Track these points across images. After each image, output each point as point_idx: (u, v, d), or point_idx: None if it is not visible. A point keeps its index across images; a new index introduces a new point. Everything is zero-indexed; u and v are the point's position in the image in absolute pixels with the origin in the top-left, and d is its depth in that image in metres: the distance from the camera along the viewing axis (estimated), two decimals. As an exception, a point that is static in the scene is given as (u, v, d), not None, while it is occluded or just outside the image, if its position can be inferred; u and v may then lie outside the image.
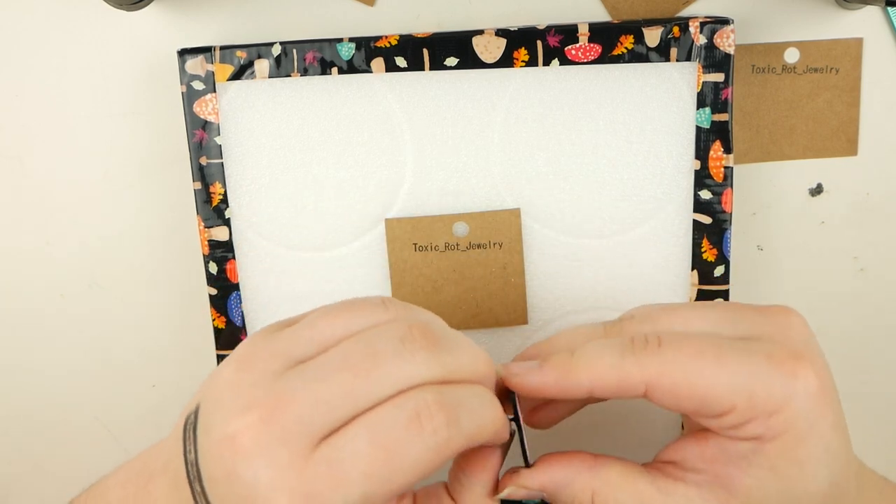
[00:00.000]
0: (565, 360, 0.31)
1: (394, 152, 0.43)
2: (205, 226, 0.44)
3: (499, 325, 0.44)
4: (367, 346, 0.28)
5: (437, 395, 0.28)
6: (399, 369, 0.28)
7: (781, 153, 0.46)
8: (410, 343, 0.28)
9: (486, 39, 0.42)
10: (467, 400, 0.29)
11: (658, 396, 0.30)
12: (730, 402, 0.29)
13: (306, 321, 0.30)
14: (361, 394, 0.27)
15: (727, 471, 0.30)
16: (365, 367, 0.27)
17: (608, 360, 0.30)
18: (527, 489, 0.33)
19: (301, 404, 0.27)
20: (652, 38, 0.42)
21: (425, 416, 0.27)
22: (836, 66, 0.45)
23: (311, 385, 0.27)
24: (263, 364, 0.28)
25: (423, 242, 0.44)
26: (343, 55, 0.42)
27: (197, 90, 0.43)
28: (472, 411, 0.29)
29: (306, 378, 0.27)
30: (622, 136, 0.43)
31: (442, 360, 0.28)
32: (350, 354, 0.28)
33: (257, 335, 0.30)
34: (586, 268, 0.44)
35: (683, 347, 0.30)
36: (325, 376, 0.27)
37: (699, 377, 0.29)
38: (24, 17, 0.44)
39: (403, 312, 0.30)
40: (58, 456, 0.49)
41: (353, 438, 0.27)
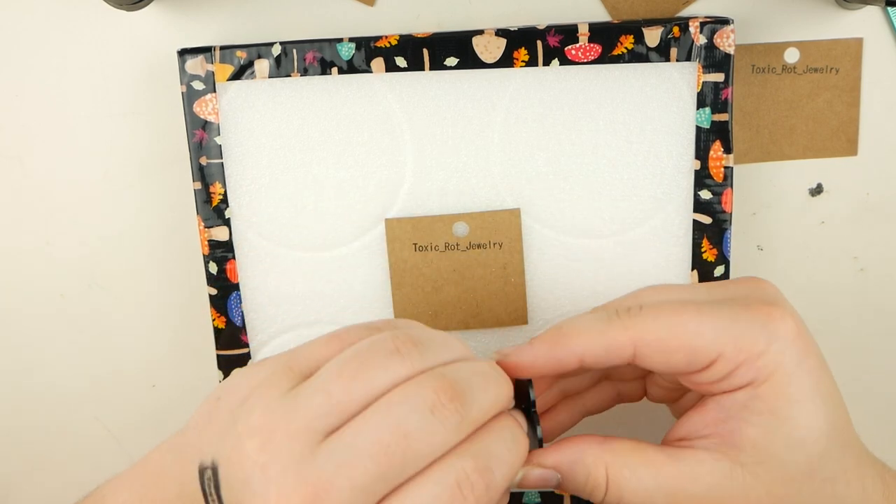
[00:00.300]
0: (553, 332, 0.32)
1: (394, 152, 0.43)
2: (205, 226, 0.44)
3: (499, 325, 0.44)
4: (397, 424, 0.27)
5: (473, 462, 0.28)
6: (432, 443, 0.28)
7: (781, 153, 0.46)
8: (440, 412, 0.28)
9: (486, 39, 0.42)
10: (499, 451, 0.29)
11: (647, 355, 0.31)
12: (716, 350, 0.30)
13: (320, 385, 0.29)
14: (397, 474, 0.27)
15: (730, 427, 0.31)
16: (399, 449, 0.27)
17: (595, 327, 0.31)
18: (541, 467, 0.33)
19: (339, 493, 0.27)
20: (652, 38, 0.42)
21: (466, 486, 0.27)
22: (836, 66, 0.45)
23: (346, 472, 0.27)
24: (288, 443, 0.27)
25: (423, 242, 0.44)
26: (343, 55, 0.42)
27: (197, 90, 0.43)
28: (504, 462, 0.29)
29: (339, 463, 0.27)
30: (622, 136, 0.43)
31: (471, 416, 0.29)
32: (381, 435, 0.27)
33: (266, 388, 0.29)
34: (586, 268, 0.44)
35: (664, 307, 0.31)
36: (358, 462, 0.27)
37: (683, 329, 0.31)
38: (24, 17, 0.44)
39: (419, 359, 0.29)
40: (58, 456, 0.49)
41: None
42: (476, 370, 0.30)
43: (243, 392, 0.30)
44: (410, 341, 0.30)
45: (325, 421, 0.28)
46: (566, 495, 0.46)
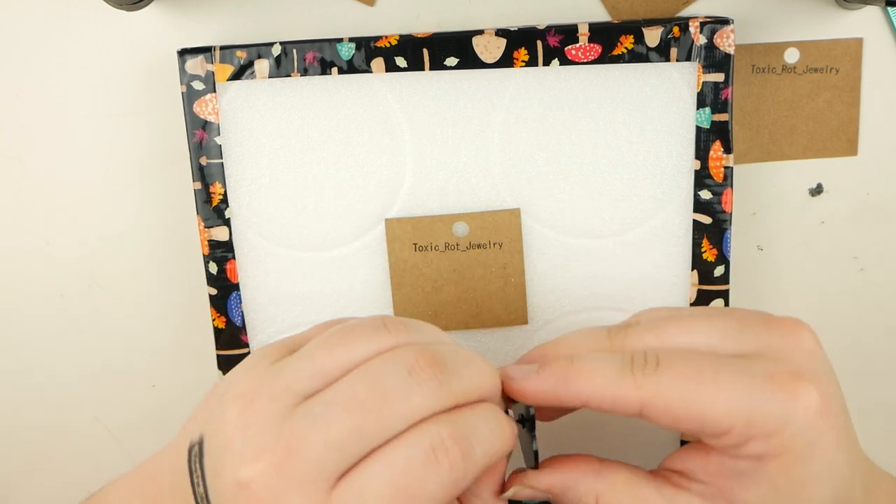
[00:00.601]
0: (563, 368, 0.31)
1: (394, 152, 0.43)
2: (205, 226, 0.44)
3: (499, 325, 0.44)
4: (374, 381, 0.28)
5: (450, 429, 0.28)
6: (409, 404, 0.28)
7: (781, 153, 0.46)
8: (418, 374, 0.28)
9: (486, 39, 0.42)
10: (479, 427, 0.29)
11: (654, 416, 0.30)
12: (727, 425, 0.29)
13: (305, 352, 0.29)
14: (373, 432, 0.27)
15: (729, 485, 0.30)
16: (375, 406, 0.27)
17: (606, 375, 0.30)
18: (533, 489, 0.33)
19: (312, 448, 0.27)
20: (652, 38, 0.42)
21: (441, 451, 0.27)
22: (836, 66, 0.45)
23: (321, 427, 0.27)
24: (268, 404, 0.28)
25: (423, 242, 0.44)
26: (343, 55, 0.42)
27: (197, 90, 0.43)
28: (485, 438, 0.29)
29: (315, 419, 0.27)
30: (622, 136, 0.43)
31: (450, 387, 0.28)
32: (357, 391, 0.27)
33: (256, 362, 0.30)
34: (587, 268, 0.44)
35: (681, 368, 0.30)
36: (334, 417, 0.27)
37: (695, 400, 0.29)
38: (24, 17, 0.44)
39: (405, 335, 0.30)
40: (58, 456, 0.49)
41: (371, 478, 0.27)
42: (461, 353, 0.30)
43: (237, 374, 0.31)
44: (399, 322, 0.30)
45: (306, 383, 0.28)
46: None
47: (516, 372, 0.32)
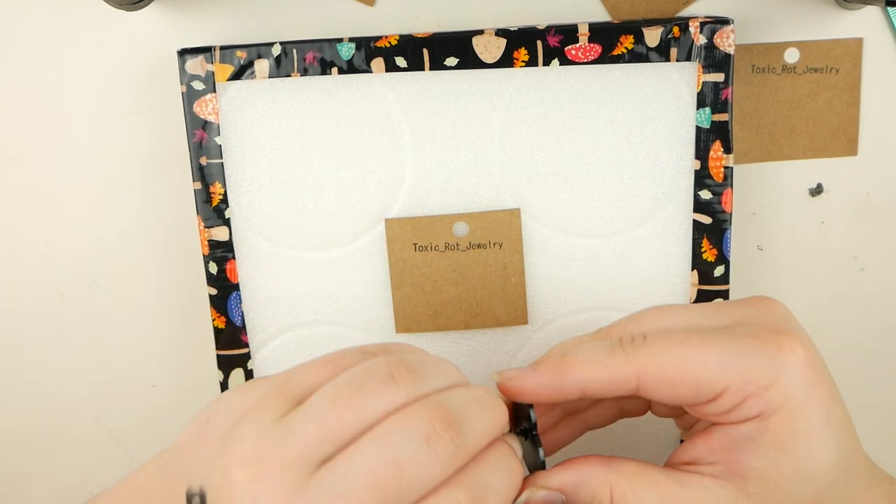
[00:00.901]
0: (557, 360, 0.32)
1: (394, 152, 0.43)
2: (205, 226, 0.44)
3: (499, 325, 0.44)
4: (392, 453, 0.27)
5: (467, 493, 0.28)
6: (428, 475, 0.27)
7: (781, 153, 0.46)
8: (435, 441, 0.27)
9: (486, 39, 0.42)
10: (492, 480, 0.29)
11: (651, 388, 0.31)
12: (722, 383, 0.30)
13: (313, 413, 0.28)
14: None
15: (737, 456, 0.31)
16: (394, 482, 0.27)
17: (598, 357, 0.31)
18: (546, 489, 0.32)
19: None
20: (652, 38, 0.42)
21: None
22: (836, 66, 0.45)
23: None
24: (281, 474, 0.27)
25: (423, 242, 0.44)
26: (343, 55, 0.42)
27: (197, 90, 0.43)
28: (498, 492, 0.29)
29: (333, 497, 0.26)
30: (622, 136, 0.43)
31: (467, 448, 0.28)
32: (375, 465, 0.27)
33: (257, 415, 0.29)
34: (586, 268, 0.44)
35: (668, 338, 0.31)
36: (352, 494, 0.26)
37: (687, 362, 0.30)
38: (24, 17, 0.44)
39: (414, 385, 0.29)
40: (58, 456, 0.49)
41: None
42: (471, 397, 0.30)
43: (233, 415, 0.29)
44: (405, 367, 0.29)
45: (317, 450, 0.27)
46: (566, 495, 0.46)
47: (512, 372, 0.32)
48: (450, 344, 0.45)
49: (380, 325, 0.45)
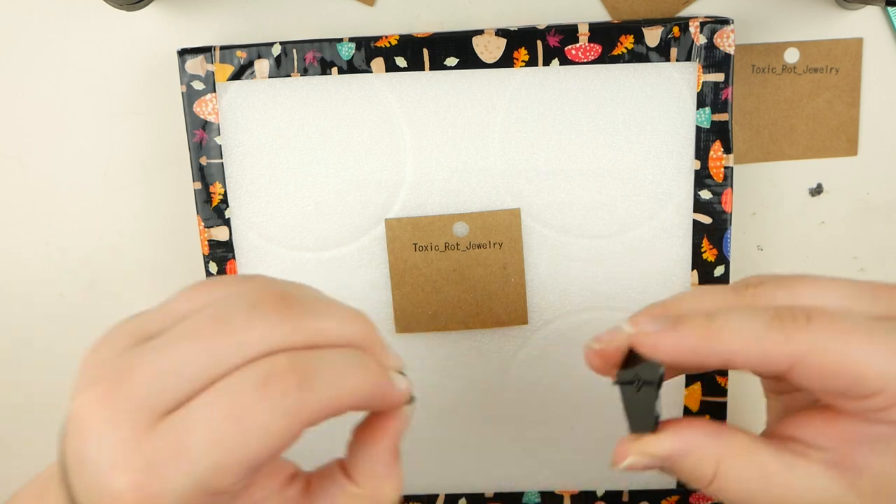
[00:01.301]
0: (704, 324, 0.29)
1: (394, 152, 0.43)
2: (205, 226, 0.44)
3: (499, 325, 0.44)
4: (216, 313, 0.26)
5: (290, 359, 0.26)
6: (248, 335, 0.26)
7: (781, 153, 0.46)
8: (262, 308, 0.26)
9: (486, 39, 0.42)
10: (328, 362, 0.27)
11: (804, 374, 0.28)
12: (880, 384, 0.27)
13: (165, 299, 0.28)
14: (208, 362, 0.25)
15: (858, 451, 0.29)
16: (211, 335, 0.26)
17: (753, 330, 0.28)
18: (651, 457, 0.30)
19: (143, 376, 0.25)
20: (652, 38, 0.42)
21: (274, 379, 0.25)
22: (836, 66, 0.45)
23: (154, 356, 0.26)
24: (114, 342, 0.27)
25: (423, 242, 0.44)
26: (343, 55, 0.42)
27: (197, 90, 0.43)
28: (332, 373, 0.27)
29: (151, 350, 0.26)
30: (622, 136, 0.43)
31: (298, 324, 0.27)
32: (198, 324, 0.26)
33: (124, 319, 0.29)
34: (586, 268, 0.44)
35: (834, 325, 0.28)
36: (169, 347, 0.26)
37: (850, 357, 0.28)
38: (24, 17, 0.44)
39: (264, 281, 0.28)
40: (58, 456, 0.49)
41: (199, 408, 0.25)
42: (328, 300, 0.28)
43: None
44: (276, 302, 0.27)
45: (154, 326, 0.27)
46: (566, 495, 0.46)
47: (651, 325, 0.30)
48: (450, 344, 0.45)
49: (380, 325, 0.45)
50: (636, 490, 0.46)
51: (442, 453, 0.46)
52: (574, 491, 0.46)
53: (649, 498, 0.46)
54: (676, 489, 0.46)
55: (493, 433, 0.46)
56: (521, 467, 0.46)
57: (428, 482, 0.46)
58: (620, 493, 0.46)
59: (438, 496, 0.47)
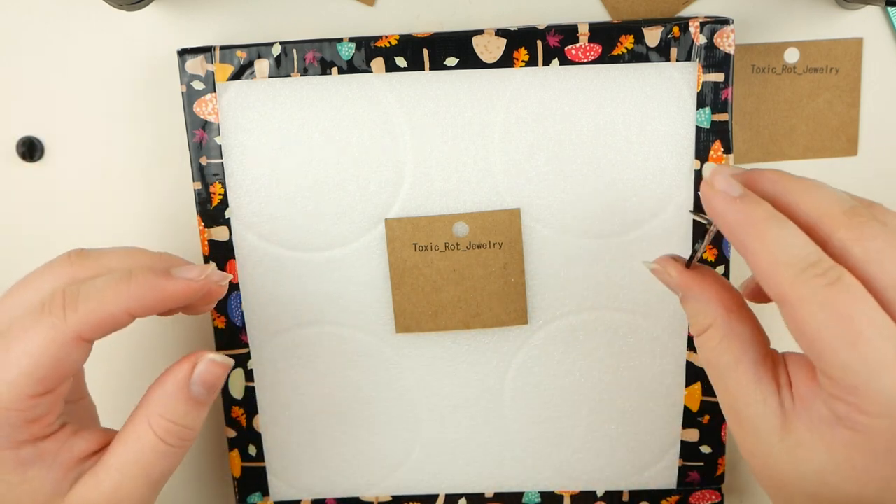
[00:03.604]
0: (757, 217, 0.30)
1: (394, 152, 0.43)
2: (205, 226, 0.44)
3: (499, 325, 0.44)
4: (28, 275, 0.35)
5: (62, 290, 0.33)
6: (41, 280, 0.35)
7: (781, 153, 0.46)
8: (55, 261, 0.36)
9: (486, 39, 0.42)
10: (92, 284, 0.33)
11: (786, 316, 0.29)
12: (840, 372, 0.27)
13: None
14: (17, 305, 0.34)
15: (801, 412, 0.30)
16: (18, 286, 0.35)
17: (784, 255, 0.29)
18: (669, 277, 0.35)
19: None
20: (652, 38, 0.42)
21: (46, 306, 0.33)
22: (836, 66, 0.45)
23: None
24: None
25: (423, 242, 0.44)
26: (343, 55, 0.42)
27: (197, 90, 0.43)
28: (94, 290, 0.33)
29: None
30: (622, 136, 0.43)
31: (80, 264, 0.35)
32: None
33: None
34: (586, 268, 0.44)
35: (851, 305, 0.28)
36: None
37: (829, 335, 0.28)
38: (24, 17, 0.44)
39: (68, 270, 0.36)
40: (58, 456, 0.49)
41: (7, 335, 0.33)
42: (105, 279, 0.34)
43: None
44: (68, 255, 0.36)
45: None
46: (566, 495, 0.46)
47: (722, 182, 0.31)
48: (450, 344, 0.45)
49: (380, 325, 0.45)
50: (636, 490, 0.46)
51: (442, 453, 0.46)
52: (574, 491, 0.46)
53: (649, 498, 0.46)
54: (676, 489, 0.46)
55: (493, 433, 0.46)
56: (521, 467, 0.46)
57: (428, 482, 0.46)
58: (620, 492, 0.46)
59: (438, 496, 0.47)
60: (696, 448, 0.45)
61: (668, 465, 0.46)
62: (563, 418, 0.45)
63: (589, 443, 0.46)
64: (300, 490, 0.47)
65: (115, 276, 0.34)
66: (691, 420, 0.45)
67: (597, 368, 0.45)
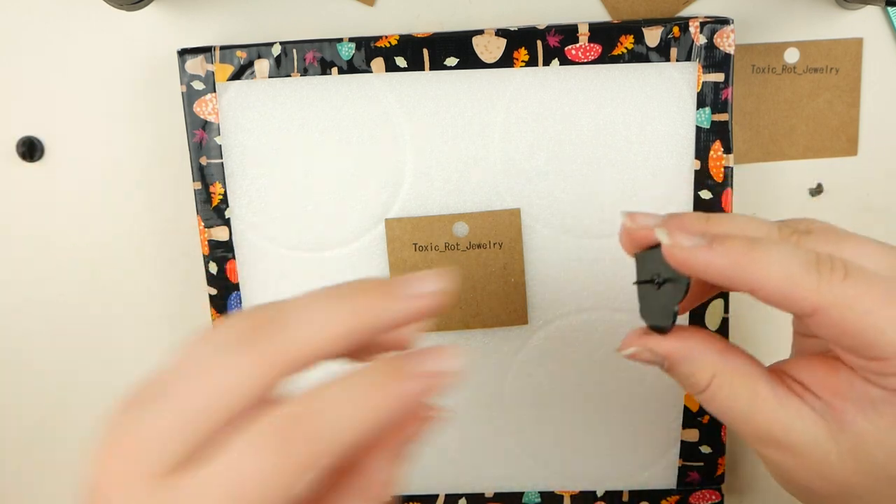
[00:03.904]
0: (743, 249, 0.29)
1: (394, 152, 0.43)
2: (205, 226, 0.44)
3: (499, 325, 0.44)
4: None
5: (290, 410, 0.25)
6: (220, 382, 0.26)
7: (781, 153, 0.46)
8: (227, 347, 0.26)
9: (486, 39, 0.42)
10: (328, 401, 0.25)
11: (822, 323, 0.28)
12: (891, 350, 0.28)
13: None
14: (201, 418, 0.26)
15: (846, 407, 0.29)
16: (186, 392, 0.26)
17: (789, 269, 0.28)
18: (652, 353, 0.31)
19: (146, 440, 0.26)
20: (652, 38, 0.42)
21: (278, 440, 0.25)
22: (836, 66, 0.45)
23: (145, 420, 0.27)
24: (124, 408, 0.28)
25: (423, 242, 0.44)
26: (343, 55, 0.42)
27: (197, 90, 0.43)
28: (334, 416, 0.25)
29: (141, 413, 0.27)
30: (622, 136, 0.43)
31: (264, 349, 0.26)
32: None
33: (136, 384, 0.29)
34: (586, 268, 0.44)
35: (870, 287, 0.28)
36: (158, 409, 0.27)
37: (874, 320, 0.28)
38: (24, 17, 0.44)
39: (263, 356, 0.26)
40: (57, 457, 0.49)
41: (210, 465, 0.25)
42: (291, 304, 0.26)
43: None
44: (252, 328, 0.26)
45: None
46: (566, 495, 0.46)
47: (686, 239, 0.30)
48: (450, 344, 0.45)
49: (380, 325, 0.45)
50: (636, 490, 0.46)
51: (442, 453, 0.46)
52: (574, 491, 0.46)
53: (649, 498, 0.46)
54: (676, 489, 0.46)
55: (493, 433, 0.46)
56: (521, 467, 0.46)
57: (428, 482, 0.46)
58: (620, 492, 0.46)
59: (438, 496, 0.47)
60: (696, 448, 0.45)
61: (668, 465, 0.46)
62: (563, 418, 0.45)
63: (589, 443, 0.46)
64: (300, 490, 0.47)
65: (350, 387, 0.26)
66: (691, 420, 0.45)
67: (597, 368, 0.45)
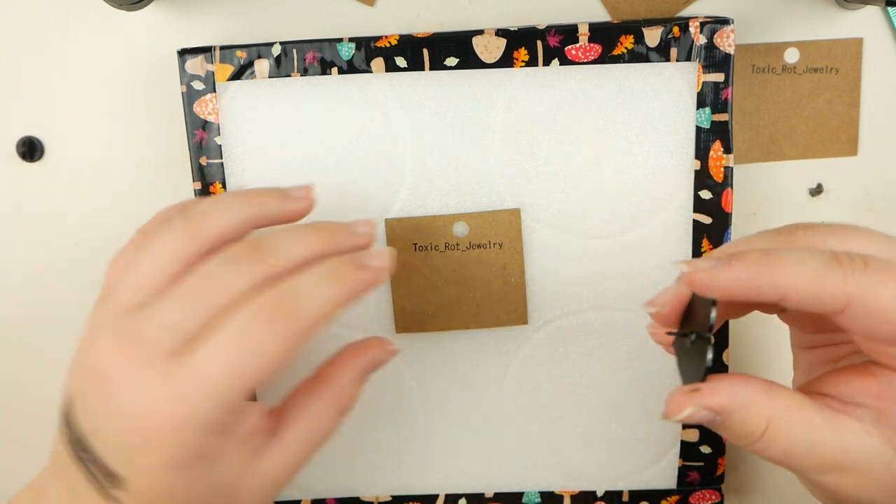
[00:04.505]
0: (760, 258, 0.29)
1: (394, 152, 0.43)
2: (205, 226, 0.44)
3: (499, 325, 0.44)
4: (201, 271, 0.31)
5: (274, 296, 0.31)
6: (230, 279, 0.31)
7: (781, 153, 0.46)
8: (238, 258, 0.32)
9: (486, 39, 0.42)
10: (306, 286, 0.31)
11: (856, 315, 0.28)
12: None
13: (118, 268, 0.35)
14: (201, 308, 0.30)
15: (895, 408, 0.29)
16: (201, 287, 0.31)
17: (811, 267, 0.28)
18: (708, 409, 0.30)
19: (151, 329, 0.30)
20: (652, 38, 0.42)
21: (268, 313, 0.30)
22: (836, 66, 0.45)
23: (154, 315, 0.31)
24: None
25: (423, 242, 0.44)
26: (343, 55, 0.42)
27: (197, 90, 0.43)
28: (312, 294, 0.31)
29: (151, 311, 0.31)
30: (622, 136, 0.43)
31: (268, 261, 0.32)
32: (187, 284, 0.31)
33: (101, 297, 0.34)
34: (586, 268, 0.44)
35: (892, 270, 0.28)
36: (166, 306, 0.31)
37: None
38: (24, 17, 0.44)
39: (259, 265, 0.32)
40: (58, 456, 0.49)
41: (211, 343, 0.30)
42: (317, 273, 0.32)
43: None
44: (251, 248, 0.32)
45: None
46: (566, 495, 0.46)
47: (706, 262, 0.30)
48: (450, 344, 0.45)
49: (379, 325, 0.45)
50: (636, 490, 0.46)
51: (442, 453, 0.46)
52: (574, 491, 0.46)
53: (649, 498, 0.46)
54: (676, 489, 0.46)
55: (493, 433, 0.46)
56: (521, 467, 0.46)
57: (428, 482, 0.46)
58: (620, 493, 0.46)
59: (438, 496, 0.47)
60: (696, 448, 0.45)
61: (668, 465, 0.46)
62: (563, 418, 0.45)
63: (589, 443, 0.46)
64: (300, 490, 0.47)
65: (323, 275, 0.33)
66: (691, 420, 0.45)
67: (597, 368, 0.45)
